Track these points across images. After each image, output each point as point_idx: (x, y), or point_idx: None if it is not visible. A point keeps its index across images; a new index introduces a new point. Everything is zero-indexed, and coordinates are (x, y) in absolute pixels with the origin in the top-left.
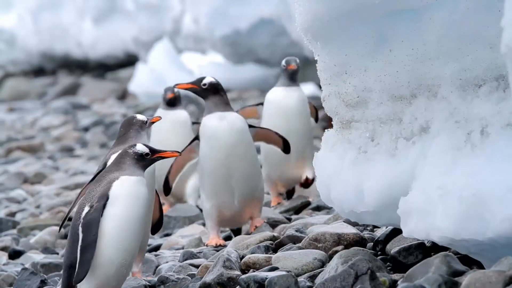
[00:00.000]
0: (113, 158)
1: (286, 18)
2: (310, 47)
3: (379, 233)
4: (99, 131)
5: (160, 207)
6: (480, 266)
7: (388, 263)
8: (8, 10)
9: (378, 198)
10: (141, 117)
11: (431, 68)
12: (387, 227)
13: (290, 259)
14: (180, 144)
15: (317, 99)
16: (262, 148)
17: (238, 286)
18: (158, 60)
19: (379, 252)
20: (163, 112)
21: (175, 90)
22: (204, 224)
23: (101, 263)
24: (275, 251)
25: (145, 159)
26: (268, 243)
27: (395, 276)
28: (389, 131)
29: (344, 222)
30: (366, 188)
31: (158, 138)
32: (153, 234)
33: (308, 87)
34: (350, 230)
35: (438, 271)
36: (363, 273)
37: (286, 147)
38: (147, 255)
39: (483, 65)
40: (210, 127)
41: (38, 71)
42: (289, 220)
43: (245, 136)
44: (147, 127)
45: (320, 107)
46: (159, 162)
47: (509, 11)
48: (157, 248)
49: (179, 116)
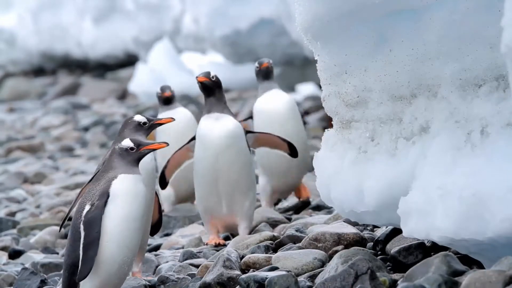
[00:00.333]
0: None
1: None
2: (310, 47)
3: (379, 233)
4: (99, 131)
5: (159, 208)
6: (480, 266)
7: (388, 263)
8: (8, 10)
9: (378, 198)
10: (138, 118)
11: (431, 68)
12: (387, 227)
13: (290, 259)
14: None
15: (317, 99)
16: (262, 158)
17: (238, 286)
18: (158, 60)
19: (379, 252)
20: (165, 113)
21: (171, 88)
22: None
23: (103, 261)
24: (275, 251)
25: (131, 153)
26: (268, 243)
27: (395, 276)
28: (389, 131)
29: (344, 222)
30: (366, 188)
31: (165, 138)
32: (152, 236)
33: (308, 87)
34: (350, 230)
35: (438, 271)
36: (363, 273)
37: (292, 151)
38: (147, 255)
39: (483, 65)
40: (204, 128)
41: (38, 71)
42: (289, 220)
43: (237, 140)
44: (148, 128)
45: (320, 107)
46: (159, 160)
47: (509, 11)
48: (157, 248)
49: (181, 113)
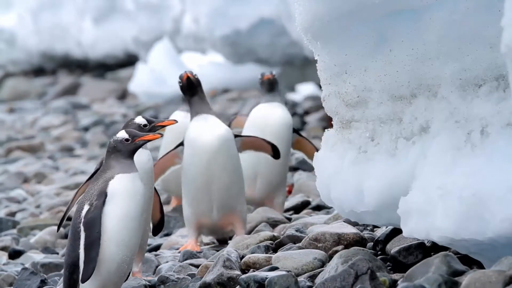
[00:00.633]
0: None
1: (286, 18)
2: (310, 47)
3: (379, 233)
4: (99, 131)
5: (161, 208)
6: (480, 266)
7: (388, 263)
8: (8, 10)
9: (378, 198)
10: (139, 120)
11: (431, 68)
12: (387, 227)
13: (290, 259)
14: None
15: (317, 99)
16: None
17: (238, 286)
18: (158, 60)
19: (379, 252)
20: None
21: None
22: None
23: (102, 260)
24: (275, 251)
25: (127, 145)
26: (268, 243)
27: (395, 276)
28: (389, 131)
29: (344, 222)
30: (366, 188)
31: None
32: (155, 235)
33: (308, 87)
34: (350, 230)
35: (438, 271)
36: (363, 273)
37: (275, 153)
38: (147, 255)
39: (483, 65)
40: (194, 132)
41: (38, 71)
42: (289, 220)
43: (228, 144)
44: (149, 130)
45: (320, 107)
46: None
47: (509, 11)
48: (157, 248)
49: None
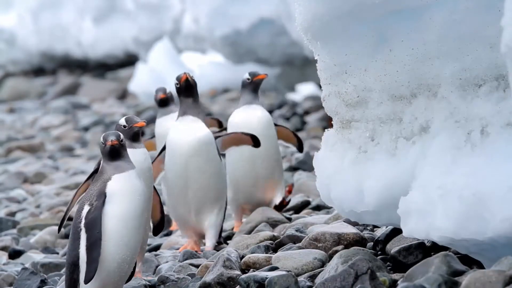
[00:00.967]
0: None
1: (286, 18)
2: (310, 47)
3: (379, 232)
4: (99, 131)
5: (161, 208)
6: (480, 266)
7: (388, 263)
8: (8, 10)
9: (378, 198)
10: (121, 121)
11: (431, 68)
12: (387, 227)
13: (290, 259)
14: None
15: (317, 99)
16: (228, 171)
17: (238, 286)
18: (158, 59)
19: (379, 252)
20: (162, 118)
21: (166, 90)
22: None
23: (102, 259)
24: (275, 250)
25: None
26: (268, 242)
27: (395, 276)
28: (389, 131)
29: (344, 221)
30: (366, 187)
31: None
32: (155, 235)
33: (308, 87)
34: (350, 230)
35: (438, 271)
36: (363, 272)
37: (255, 142)
38: (147, 255)
39: (483, 65)
40: (173, 134)
41: (38, 71)
42: (289, 219)
43: (206, 147)
44: (129, 130)
45: (320, 106)
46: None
47: (509, 11)
48: (157, 248)
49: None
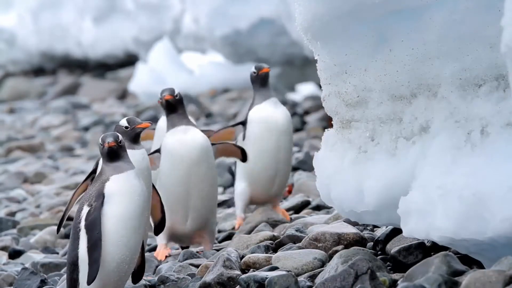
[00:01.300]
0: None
1: (286, 18)
2: (310, 47)
3: (379, 232)
4: (99, 131)
5: (162, 207)
6: (480, 266)
7: (388, 263)
8: (8, 10)
9: (378, 198)
10: (122, 122)
11: (431, 67)
12: (387, 227)
13: (290, 259)
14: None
15: (317, 99)
16: (245, 166)
17: (238, 286)
18: (158, 59)
19: (379, 252)
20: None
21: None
22: None
23: (102, 259)
24: (275, 250)
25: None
26: (268, 242)
27: (395, 276)
28: (389, 131)
29: (344, 221)
30: (366, 187)
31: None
32: (157, 235)
33: (308, 87)
34: (350, 229)
35: (438, 271)
36: (363, 272)
37: (244, 156)
38: (147, 255)
39: (483, 65)
40: (173, 142)
41: (38, 71)
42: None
43: (208, 154)
44: (131, 131)
45: (320, 106)
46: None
47: (509, 11)
48: (157, 248)
49: None
